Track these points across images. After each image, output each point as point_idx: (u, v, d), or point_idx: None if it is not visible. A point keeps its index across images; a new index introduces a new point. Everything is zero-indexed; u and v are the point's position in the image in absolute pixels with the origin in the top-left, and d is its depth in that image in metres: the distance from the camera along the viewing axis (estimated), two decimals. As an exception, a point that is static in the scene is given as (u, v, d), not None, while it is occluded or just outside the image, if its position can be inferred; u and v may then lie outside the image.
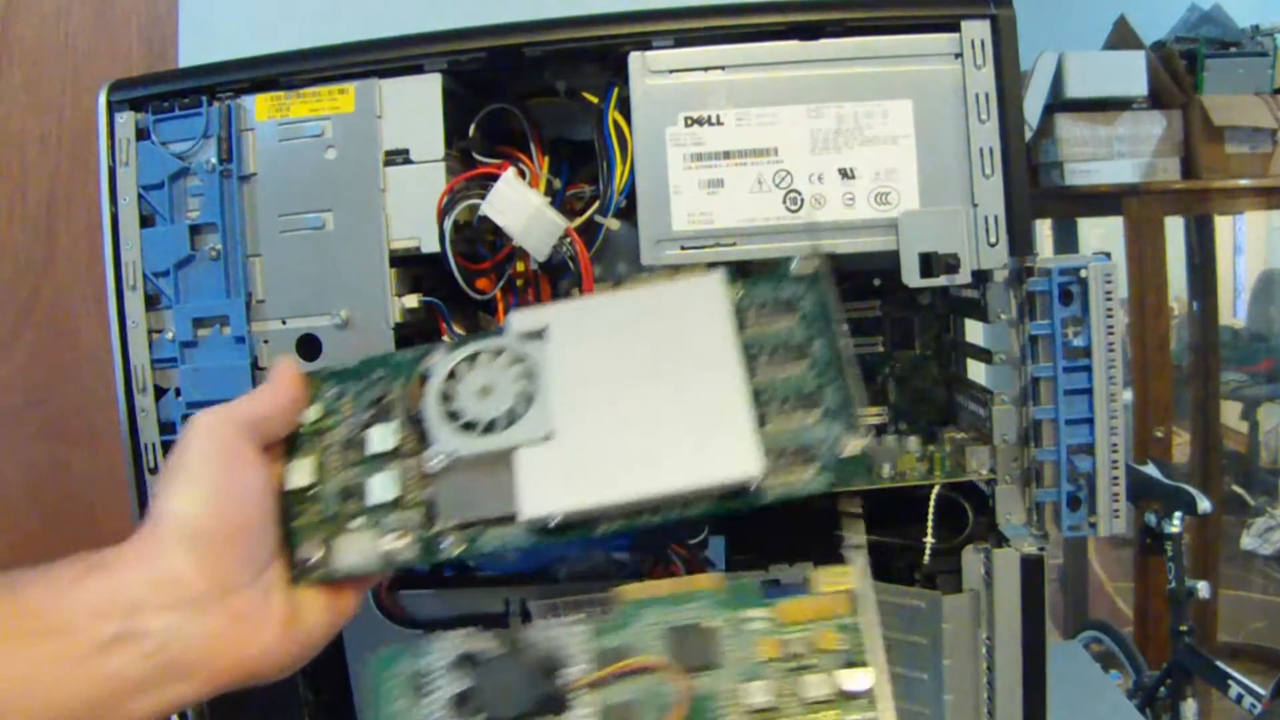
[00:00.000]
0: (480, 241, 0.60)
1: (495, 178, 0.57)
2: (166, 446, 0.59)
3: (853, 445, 0.43)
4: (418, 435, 0.46)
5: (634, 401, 0.44)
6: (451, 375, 0.46)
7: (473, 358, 0.47)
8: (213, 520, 0.41)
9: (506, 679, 0.41)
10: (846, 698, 0.41)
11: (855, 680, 0.42)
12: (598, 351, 0.46)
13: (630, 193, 0.57)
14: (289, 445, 0.47)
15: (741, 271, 0.49)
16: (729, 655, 0.42)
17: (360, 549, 0.44)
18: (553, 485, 0.43)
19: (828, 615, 0.44)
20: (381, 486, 0.45)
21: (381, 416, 0.47)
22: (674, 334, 0.46)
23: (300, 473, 0.46)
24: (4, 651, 0.36)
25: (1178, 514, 1.54)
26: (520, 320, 0.48)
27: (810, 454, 0.43)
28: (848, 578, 0.45)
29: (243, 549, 0.42)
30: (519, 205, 0.56)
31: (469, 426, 0.45)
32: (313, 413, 0.47)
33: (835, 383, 0.45)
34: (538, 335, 0.47)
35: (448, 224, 0.57)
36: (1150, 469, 1.56)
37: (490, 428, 0.45)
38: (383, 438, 0.46)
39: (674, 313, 0.47)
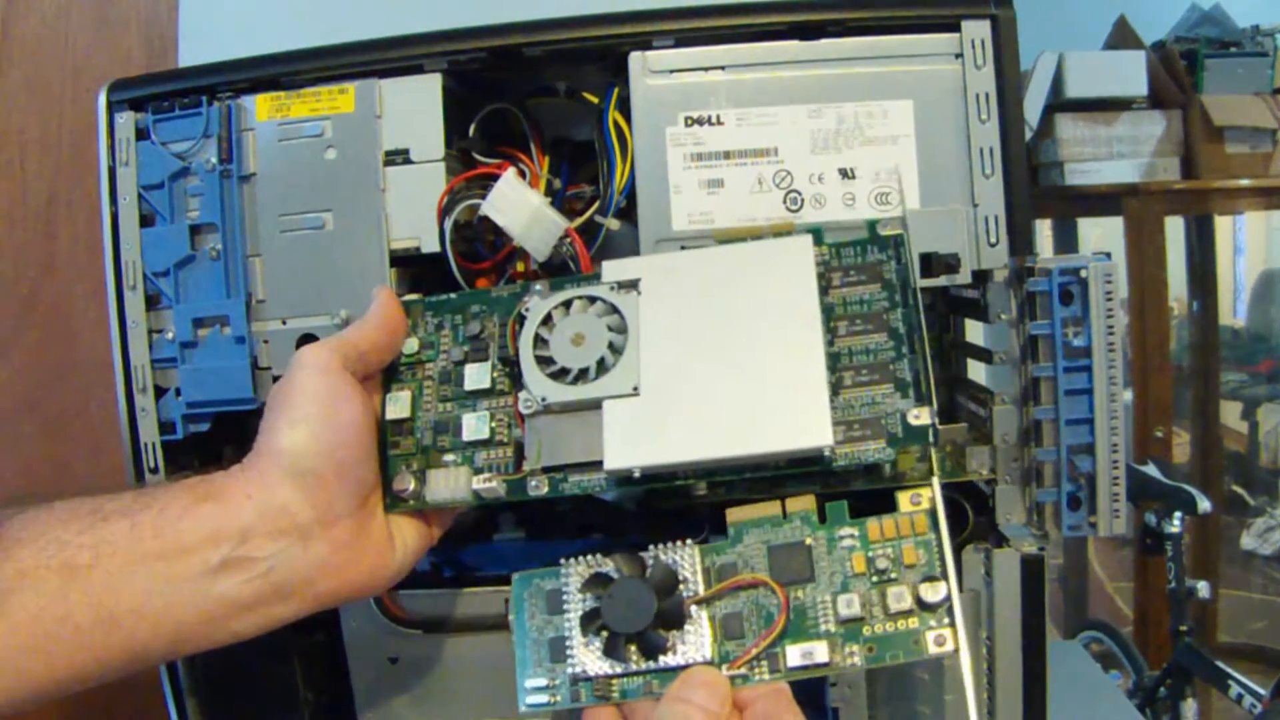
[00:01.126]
0: (480, 241, 0.60)
1: (495, 178, 0.57)
2: (166, 446, 0.59)
3: (921, 417, 0.47)
4: (511, 376, 0.48)
5: (718, 362, 0.47)
6: (546, 320, 0.49)
7: (567, 304, 0.49)
8: (317, 457, 0.44)
9: (631, 596, 0.44)
10: (925, 608, 0.45)
11: (933, 592, 0.45)
12: (686, 308, 0.48)
13: (630, 193, 0.57)
14: (388, 375, 0.50)
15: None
16: (822, 569, 0.46)
17: (451, 484, 0.48)
18: (636, 439, 0.45)
19: (908, 533, 0.47)
20: (474, 424, 0.48)
21: (477, 354, 0.50)
22: (761, 295, 0.48)
23: (398, 405, 0.49)
24: (126, 572, 0.40)
25: (1178, 514, 1.54)
26: (613, 270, 0.50)
27: (880, 426, 0.47)
28: (926, 498, 0.48)
29: (345, 481, 0.45)
30: (519, 205, 0.56)
31: (561, 373, 0.47)
32: (412, 343, 0.50)
33: (908, 358, 0.48)
34: (631, 286, 0.49)
35: (448, 224, 0.57)
36: (1150, 469, 1.56)
37: (581, 376, 0.47)
38: (478, 376, 0.49)
39: (762, 274, 0.49)
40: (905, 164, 0.56)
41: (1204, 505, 1.49)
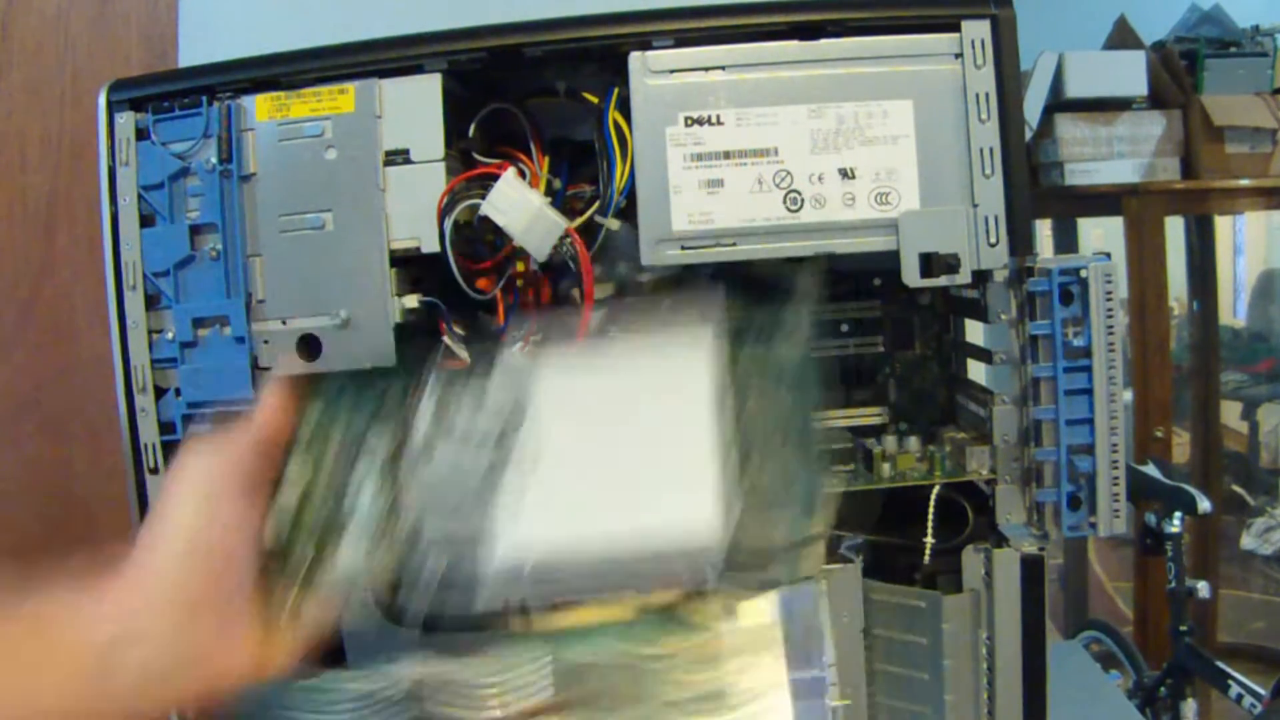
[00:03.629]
0: (480, 241, 0.60)
1: (495, 178, 0.57)
2: (166, 446, 0.59)
3: (809, 564, 0.44)
4: (409, 444, 0.46)
5: (612, 456, 0.45)
6: (446, 393, 0.47)
7: (469, 377, 0.47)
8: (191, 572, 0.44)
9: None
10: None
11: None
12: (588, 393, 0.47)
13: (630, 193, 0.57)
14: (286, 449, 0.48)
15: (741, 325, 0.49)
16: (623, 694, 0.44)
17: (346, 559, 0.46)
18: (527, 524, 0.44)
19: (727, 653, 0.44)
20: (371, 496, 0.46)
21: (378, 423, 0.47)
22: (660, 392, 0.47)
23: (292, 485, 0.47)
24: (2, 669, 0.40)
25: (1178, 514, 1.54)
26: (521, 348, 0.49)
27: (768, 556, 0.44)
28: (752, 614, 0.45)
29: (223, 583, 0.45)
30: (520, 205, 0.56)
31: (460, 442, 0.46)
32: (312, 413, 0.48)
33: (801, 482, 0.45)
34: (535, 363, 0.48)
35: (448, 224, 0.57)
36: (1150, 469, 1.56)
37: (479, 446, 0.45)
38: (376, 446, 0.47)
39: (664, 370, 0.48)
40: (905, 164, 0.56)
41: (1204, 505, 1.49)
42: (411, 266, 0.59)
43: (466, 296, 0.59)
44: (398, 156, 0.57)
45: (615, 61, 0.57)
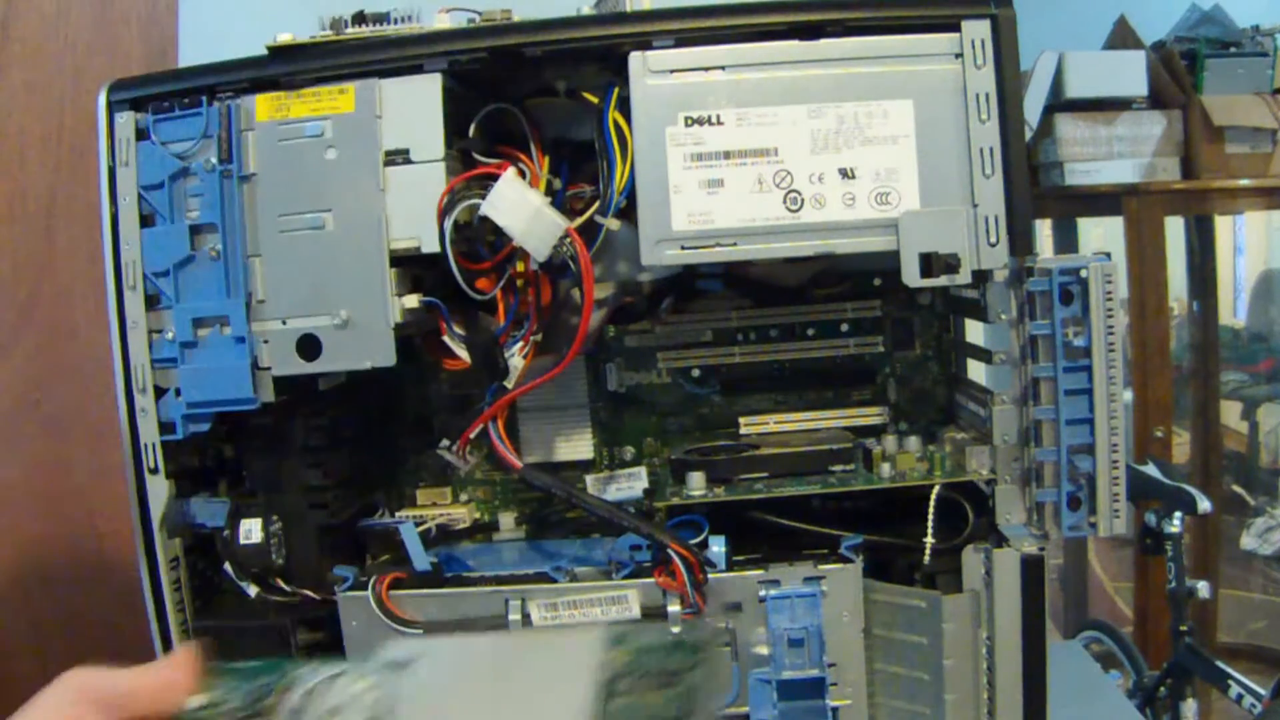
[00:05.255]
0: (480, 241, 0.60)
1: (495, 178, 0.57)
2: (166, 446, 0.59)
3: None
4: None
5: None
6: (310, 692, 0.45)
7: (335, 678, 0.46)
8: None
9: None
10: None
11: None
12: (456, 706, 0.46)
13: (630, 193, 0.57)
14: None
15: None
16: None
17: None
18: None
19: None
20: None
21: None
22: (533, 700, 0.45)
23: None
24: None
25: (1178, 514, 1.54)
26: (392, 650, 0.47)
27: None
28: None
29: None
30: (519, 205, 0.56)
31: None
32: (198, 699, 0.46)
33: None
34: (404, 668, 0.46)
35: (448, 224, 0.57)
36: (1150, 469, 1.56)
37: None
38: None
39: (539, 675, 0.46)
40: (905, 164, 0.56)
41: (1204, 505, 1.49)
42: (411, 266, 0.59)
43: (467, 296, 0.59)
44: (398, 156, 0.57)
45: (615, 61, 0.57)
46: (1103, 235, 2.41)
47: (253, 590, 0.63)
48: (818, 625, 0.58)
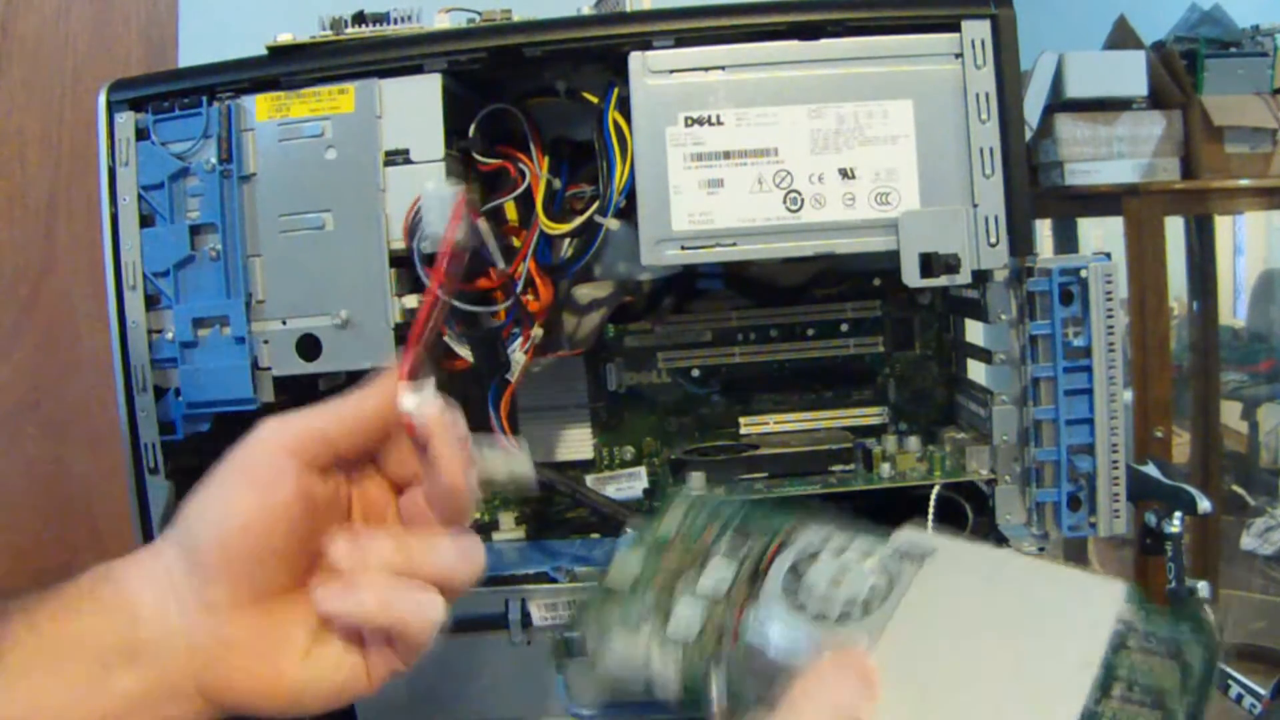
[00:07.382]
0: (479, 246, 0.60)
1: (495, 177, 0.57)
2: (166, 446, 0.59)
3: None
4: (748, 591, 0.44)
5: (969, 683, 0.41)
6: (812, 555, 0.45)
7: (841, 548, 0.45)
8: (210, 543, 0.38)
9: None
10: None
11: None
12: (962, 610, 0.44)
13: (630, 193, 0.57)
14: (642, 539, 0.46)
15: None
16: None
17: (629, 653, 0.43)
18: None
19: None
20: (687, 617, 0.43)
21: (728, 554, 0.45)
22: (1045, 628, 0.43)
23: (624, 569, 0.45)
24: (22, 673, 0.36)
25: (1178, 514, 1.53)
26: (908, 537, 0.46)
27: None
28: None
29: (235, 574, 0.38)
30: (430, 203, 0.55)
31: (800, 609, 0.43)
32: (669, 522, 0.46)
33: None
34: (917, 559, 0.45)
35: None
36: (1150, 469, 1.56)
37: (820, 619, 0.43)
38: (716, 574, 0.45)
39: (1056, 606, 0.44)
40: (905, 164, 0.56)
41: (1204, 505, 1.48)
42: (411, 266, 0.59)
43: (466, 297, 0.59)
44: (398, 156, 0.57)
45: (615, 61, 0.57)
46: (1103, 235, 2.41)
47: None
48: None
